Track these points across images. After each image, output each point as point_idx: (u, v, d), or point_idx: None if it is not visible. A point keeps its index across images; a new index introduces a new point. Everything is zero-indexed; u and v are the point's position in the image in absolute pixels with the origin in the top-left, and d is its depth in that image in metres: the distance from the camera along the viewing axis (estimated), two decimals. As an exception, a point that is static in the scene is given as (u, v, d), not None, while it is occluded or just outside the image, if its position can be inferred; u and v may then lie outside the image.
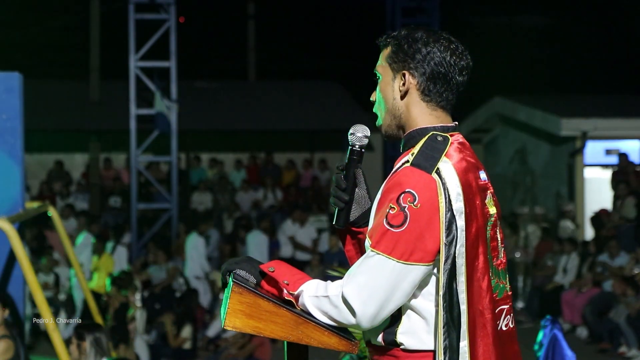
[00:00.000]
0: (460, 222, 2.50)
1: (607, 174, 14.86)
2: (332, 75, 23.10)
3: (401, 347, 2.58)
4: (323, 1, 28.44)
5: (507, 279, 2.71)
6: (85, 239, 12.97)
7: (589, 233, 14.84)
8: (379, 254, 2.47)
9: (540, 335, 5.48)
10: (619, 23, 27.79)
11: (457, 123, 2.72)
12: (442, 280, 2.49)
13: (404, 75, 2.65)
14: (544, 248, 13.90)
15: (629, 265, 11.64)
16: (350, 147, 2.74)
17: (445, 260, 2.49)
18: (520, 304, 13.66)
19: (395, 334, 2.58)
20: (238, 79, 24.78)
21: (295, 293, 2.55)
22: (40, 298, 6.00)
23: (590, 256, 12.64)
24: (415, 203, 2.46)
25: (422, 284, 2.54)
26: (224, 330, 11.04)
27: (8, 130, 6.82)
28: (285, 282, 2.56)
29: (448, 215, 2.48)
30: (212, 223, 14.23)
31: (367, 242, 2.53)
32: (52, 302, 11.66)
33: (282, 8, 28.21)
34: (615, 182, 13.78)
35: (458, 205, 2.50)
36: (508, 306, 2.66)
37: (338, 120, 19.08)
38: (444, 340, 2.49)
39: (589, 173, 15.67)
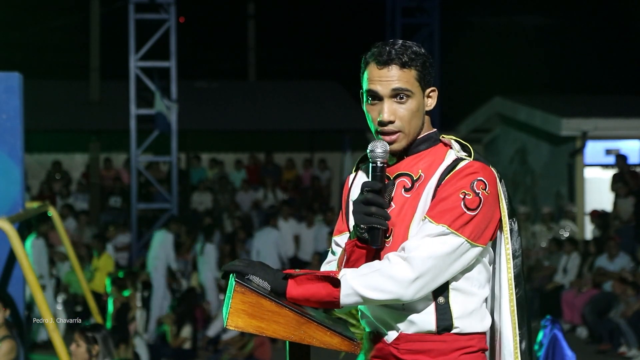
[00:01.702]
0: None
1: (607, 174, 14.85)
2: (332, 75, 23.08)
3: (454, 330, 2.71)
4: (323, 1, 28.44)
5: None
6: (164, 237, 12.68)
7: (589, 233, 14.84)
8: (453, 232, 2.64)
9: (540, 335, 5.47)
10: (619, 23, 27.80)
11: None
12: (512, 263, 2.77)
13: (433, 91, 2.84)
14: None
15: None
16: (372, 165, 2.75)
17: (515, 245, 2.79)
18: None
19: (452, 319, 2.71)
20: (238, 79, 24.77)
21: (339, 276, 2.61)
22: (40, 298, 5.99)
23: (590, 256, 12.64)
24: (487, 190, 2.70)
25: (468, 268, 2.73)
26: (224, 330, 11.04)
27: (8, 130, 6.82)
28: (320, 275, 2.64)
29: (507, 204, 2.78)
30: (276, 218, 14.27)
31: (429, 221, 2.66)
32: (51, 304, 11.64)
33: (282, 8, 28.21)
34: (615, 183, 13.79)
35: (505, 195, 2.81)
36: None
37: (338, 120, 19.07)
38: (520, 316, 2.78)
39: (589, 173, 15.67)
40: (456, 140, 2.83)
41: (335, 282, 2.58)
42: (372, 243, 2.71)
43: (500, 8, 28.04)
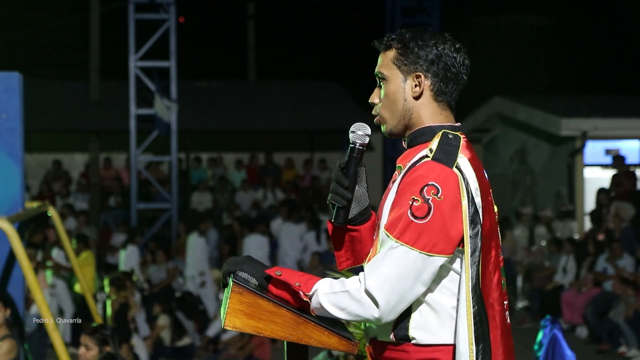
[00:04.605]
0: (481, 216, 2.57)
1: (607, 174, 14.86)
2: (332, 75, 23.09)
3: (412, 341, 2.60)
4: (323, 1, 28.44)
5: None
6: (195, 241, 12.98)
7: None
8: (403, 245, 2.50)
9: (540, 335, 5.47)
10: (619, 23, 27.79)
11: (460, 124, 2.77)
12: (470, 273, 2.54)
13: (417, 76, 2.68)
14: None
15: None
16: (350, 146, 2.77)
17: (472, 253, 2.54)
18: (520, 304, 13.68)
19: (408, 329, 2.60)
20: (238, 79, 24.78)
21: (310, 293, 2.54)
22: (40, 298, 5.99)
23: (589, 256, 12.64)
24: (438, 195, 2.50)
25: (437, 277, 2.57)
26: (224, 330, 11.04)
27: (8, 130, 6.81)
28: (297, 284, 2.56)
29: (471, 209, 2.54)
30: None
31: (384, 234, 2.55)
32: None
33: (282, 8, 28.22)
34: (615, 184, 13.80)
35: (477, 199, 2.57)
36: (507, 302, 2.72)
37: (338, 120, 19.07)
38: (476, 331, 2.53)
39: (588, 173, 15.67)
40: (452, 137, 2.63)
41: (308, 301, 2.55)
42: (333, 219, 2.74)
43: (500, 8, 28.05)
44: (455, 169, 2.55)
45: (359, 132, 2.75)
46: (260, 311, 2.54)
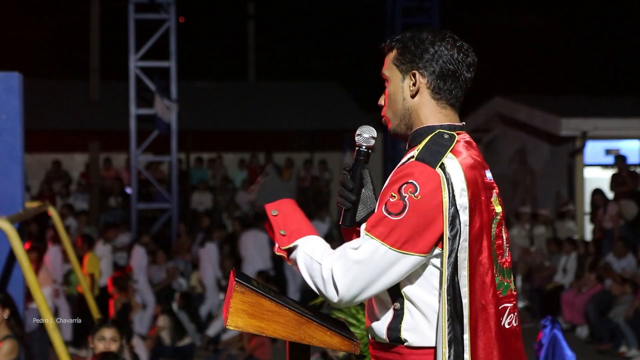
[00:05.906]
0: (464, 217, 2.53)
1: (607, 174, 14.86)
2: (332, 76, 23.09)
3: (405, 343, 2.59)
4: (323, 1, 28.45)
5: (512, 278, 2.72)
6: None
7: (588, 232, 14.84)
8: (373, 238, 2.50)
9: (540, 335, 5.47)
10: (619, 23, 27.79)
11: (464, 123, 2.76)
12: (446, 274, 2.51)
13: (413, 75, 2.68)
14: None
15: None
16: (357, 148, 2.78)
17: (449, 254, 2.51)
18: (520, 304, 13.69)
19: (400, 331, 2.59)
20: (238, 79, 24.78)
21: (290, 246, 2.59)
22: (40, 298, 5.99)
23: (590, 256, 12.64)
24: (416, 194, 2.49)
25: (425, 279, 2.56)
26: (224, 330, 11.04)
27: (8, 130, 6.80)
28: (282, 232, 2.59)
29: (451, 210, 2.51)
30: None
31: (362, 227, 2.57)
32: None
33: (282, 8, 28.22)
34: (615, 184, 13.80)
35: (462, 200, 2.53)
36: (512, 305, 2.66)
37: (338, 121, 19.07)
38: (449, 333, 2.50)
39: (589, 173, 15.67)
40: (447, 137, 2.63)
41: (284, 255, 2.62)
42: (341, 222, 2.76)
43: (500, 8, 28.06)
44: (438, 169, 2.53)
45: (365, 135, 2.76)
46: (263, 311, 2.54)
